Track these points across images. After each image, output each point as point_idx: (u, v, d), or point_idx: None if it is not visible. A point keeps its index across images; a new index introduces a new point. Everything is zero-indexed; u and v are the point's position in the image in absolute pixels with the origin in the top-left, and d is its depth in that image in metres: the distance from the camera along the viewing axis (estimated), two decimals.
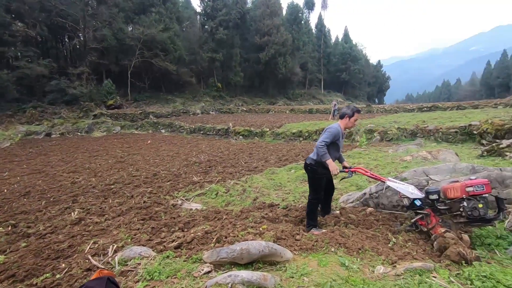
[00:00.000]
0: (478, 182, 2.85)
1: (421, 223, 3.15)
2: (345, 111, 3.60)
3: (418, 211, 3.12)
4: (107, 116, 22.35)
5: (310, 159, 3.62)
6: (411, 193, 3.13)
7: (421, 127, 11.06)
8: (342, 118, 3.62)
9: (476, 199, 2.83)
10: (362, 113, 24.19)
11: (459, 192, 2.87)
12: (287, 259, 2.77)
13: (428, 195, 3.06)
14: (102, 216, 4.54)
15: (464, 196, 2.85)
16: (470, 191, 2.82)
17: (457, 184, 2.94)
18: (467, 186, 2.84)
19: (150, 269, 2.70)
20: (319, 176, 3.59)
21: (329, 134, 3.43)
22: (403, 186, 3.22)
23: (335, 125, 3.56)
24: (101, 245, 3.40)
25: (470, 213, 2.82)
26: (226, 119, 21.91)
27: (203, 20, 38.75)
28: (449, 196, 2.97)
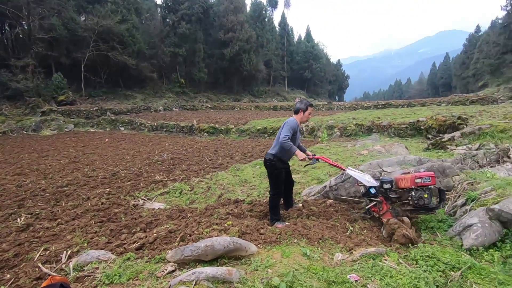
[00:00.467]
0: (425, 174, 3.17)
1: (374, 210, 3.42)
2: (300, 106, 3.72)
3: (372, 199, 3.39)
4: (58, 113, 20.56)
5: (269, 154, 3.69)
6: (368, 182, 3.38)
7: (376, 123, 11.84)
8: (297, 113, 3.73)
9: (423, 189, 3.15)
10: (323, 110, 25.21)
11: (409, 182, 3.17)
12: (252, 253, 2.82)
13: (382, 184, 3.32)
14: (54, 221, 4.20)
15: (413, 187, 3.15)
16: (419, 182, 3.14)
17: (408, 176, 3.22)
18: (416, 177, 3.15)
19: (109, 272, 2.58)
20: (279, 170, 3.69)
21: (289, 128, 3.52)
22: (361, 175, 3.47)
23: (291, 119, 3.66)
24: (53, 252, 3.16)
25: (416, 202, 3.14)
26: (190, 116, 21.41)
27: (164, 13, 37.21)
28: (400, 186, 3.25)
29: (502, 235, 2.72)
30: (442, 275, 2.32)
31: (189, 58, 36.78)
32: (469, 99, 20.41)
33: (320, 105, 27.96)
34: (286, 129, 3.52)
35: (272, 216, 3.70)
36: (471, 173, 3.98)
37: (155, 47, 34.41)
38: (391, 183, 3.28)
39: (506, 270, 2.40)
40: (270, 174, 3.76)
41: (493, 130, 7.28)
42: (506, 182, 3.34)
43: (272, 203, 3.71)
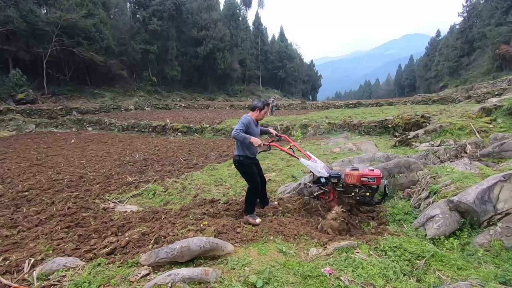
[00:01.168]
0: (372, 174, 3.37)
1: (322, 197, 3.67)
2: (257, 104, 3.79)
3: (322, 187, 3.58)
4: (17, 112, 19.07)
5: (235, 156, 3.77)
6: (319, 172, 3.52)
7: (347, 122, 12.28)
8: (253, 110, 3.78)
9: (366, 188, 3.40)
10: (298, 109, 25.67)
11: (355, 180, 3.40)
12: (229, 252, 2.81)
13: (330, 177, 3.53)
14: (14, 228, 3.91)
15: (358, 184, 3.38)
16: (364, 181, 3.38)
17: (355, 173, 3.43)
18: (362, 176, 3.38)
19: (78, 280, 2.45)
20: (248, 166, 3.75)
21: (240, 123, 3.55)
22: (313, 164, 3.56)
23: (245, 116, 3.72)
24: (13, 261, 2.94)
25: (358, 198, 3.45)
26: (163, 115, 20.84)
27: (134, 8, 35.88)
28: (347, 181, 3.46)
29: (461, 224, 2.94)
30: (409, 264, 2.47)
31: (162, 55, 35.80)
32: (431, 99, 21.79)
33: (294, 105, 28.44)
34: (238, 124, 3.55)
35: (246, 209, 3.74)
36: (433, 168, 4.26)
37: (125, 44, 33.08)
38: (338, 178, 3.49)
39: (464, 257, 2.60)
40: (242, 172, 3.83)
41: (452, 128, 7.83)
42: (463, 176, 3.61)
43: (250, 196, 3.76)
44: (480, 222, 2.86)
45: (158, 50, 34.46)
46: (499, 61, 36.32)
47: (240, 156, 3.72)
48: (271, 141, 3.85)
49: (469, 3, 48.20)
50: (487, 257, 2.54)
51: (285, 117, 16.01)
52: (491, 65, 38.12)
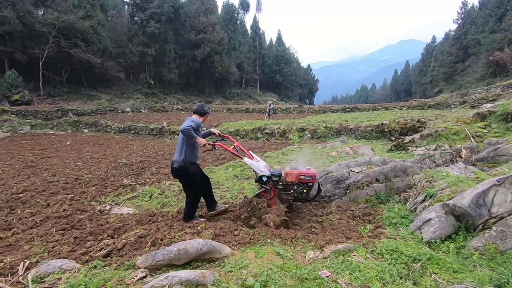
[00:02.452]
0: (309, 173, 3.57)
1: (263, 195, 3.73)
2: (207, 110, 3.84)
3: (263, 186, 3.66)
4: (12, 113, 18.90)
5: (176, 162, 3.54)
6: (261, 171, 3.59)
7: (344, 126, 12.35)
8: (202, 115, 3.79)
9: (304, 185, 3.61)
10: (295, 113, 25.76)
11: (294, 178, 3.58)
12: (226, 254, 2.81)
13: (272, 176, 3.62)
14: (8, 230, 3.86)
15: (296, 182, 3.58)
16: (302, 178, 3.56)
17: (294, 172, 3.60)
18: (300, 174, 3.57)
19: (73, 282, 2.43)
20: (194, 174, 3.61)
21: (193, 122, 3.46)
22: (256, 164, 3.62)
23: (196, 118, 3.66)
24: (8, 264, 2.90)
25: (297, 195, 3.66)
26: (160, 117, 20.79)
27: (132, 10, 35.92)
28: (287, 179, 3.63)
29: (456, 228, 2.97)
30: (405, 267, 2.48)
31: (159, 58, 35.82)
32: (427, 104, 22.02)
33: (292, 108, 28.56)
34: (189, 121, 3.45)
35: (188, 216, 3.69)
36: (429, 172, 4.30)
37: (122, 46, 33.06)
38: (279, 176, 3.62)
39: (459, 260, 2.62)
40: (186, 181, 3.65)
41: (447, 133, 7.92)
42: (458, 180, 3.65)
43: (190, 208, 3.68)
44: (475, 225, 2.89)
45: (156, 53, 34.48)
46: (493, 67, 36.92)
47: (184, 162, 3.50)
48: (215, 140, 3.86)
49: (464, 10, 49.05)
50: (482, 260, 2.57)
51: (282, 121, 16.06)
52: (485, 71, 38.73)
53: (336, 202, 4.19)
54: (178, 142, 3.63)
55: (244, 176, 6.22)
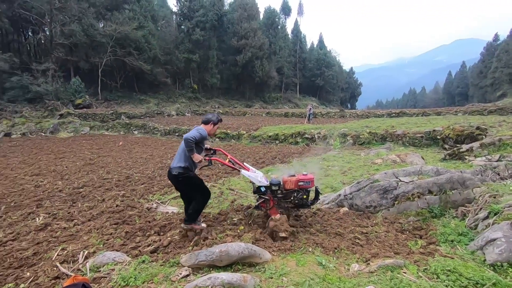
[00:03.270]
0: (306, 178, 3.52)
1: (262, 206, 3.62)
2: (211, 118, 3.59)
3: (262, 196, 3.56)
4: (75, 116, 21.16)
5: (176, 168, 3.36)
6: (259, 181, 3.50)
7: (390, 132, 11.65)
8: (207, 123, 3.57)
9: (303, 191, 3.55)
10: (336, 118, 25.02)
11: (293, 185, 3.50)
12: (266, 260, 2.80)
13: (271, 186, 3.52)
14: (70, 221, 4.29)
15: (296, 188, 3.51)
16: (301, 185, 3.50)
17: (293, 179, 3.53)
18: (299, 181, 3.50)
19: (125, 274, 2.61)
20: (194, 178, 3.47)
21: (198, 134, 3.29)
22: (254, 175, 3.55)
23: (202, 129, 3.48)
24: (70, 252, 3.23)
25: (297, 202, 3.56)
26: None
27: (179, 20, 38.06)
28: (286, 187, 3.54)
29: None
30: None
31: (203, 64, 37.37)
32: (487, 109, 19.85)
33: (332, 113, 27.77)
34: (195, 133, 3.27)
35: (193, 217, 3.52)
36: (493, 186, 3.84)
37: (169, 53, 35.13)
38: (278, 185, 3.53)
39: None
40: (191, 185, 3.48)
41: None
42: None
43: (199, 207, 3.55)
44: None
45: (200, 59, 36.04)
46: None
47: (184, 169, 3.35)
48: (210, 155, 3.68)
49: None
50: None
51: (322, 126, 15.68)
52: None
53: (383, 213, 3.94)
54: (179, 148, 3.48)
55: None
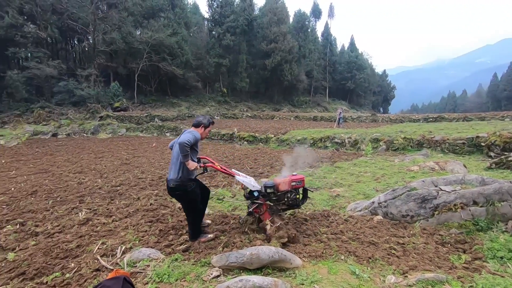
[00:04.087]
0: (298, 178, 3.54)
1: (255, 211, 3.52)
2: (202, 121, 3.44)
3: (255, 201, 3.48)
4: (113, 118, 22.52)
5: (172, 180, 3.24)
6: (253, 186, 3.45)
7: (427, 138, 11.00)
8: (198, 127, 3.42)
9: (296, 191, 3.59)
10: (367, 122, 24.19)
11: (287, 185, 3.49)
12: (297, 265, 2.76)
13: (266, 189, 3.48)
14: (109, 217, 4.55)
15: (289, 189, 3.50)
16: (294, 185, 3.51)
17: (286, 179, 3.52)
18: (292, 181, 3.49)
19: (159, 271, 2.71)
20: (192, 193, 3.30)
21: (192, 137, 3.14)
22: (247, 180, 3.50)
23: (195, 131, 3.33)
24: (109, 246, 3.41)
25: (291, 202, 3.59)
26: (230, 124, 21.98)
27: (210, 26, 39.20)
28: (280, 189, 3.52)
29: None
30: None
31: (232, 68, 38.10)
32: None
33: (364, 117, 26.88)
34: (189, 137, 3.11)
35: (195, 234, 3.42)
36: None
37: (201, 58, 36.25)
38: (273, 187, 3.50)
39: None
40: (185, 200, 3.33)
41: None
42: None
43: (195, 226, 3.40)
44: None
45: (230, 63, 36.78)
46: None
47: (181, 180, 3.20)
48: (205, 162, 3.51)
49: None
50: None
51: (353, 130, 15.22)
52: None
53: (421, 224, 3.72)
54: (173, 157, 3.34)
55: (314, 185, 6.04)
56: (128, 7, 29.34)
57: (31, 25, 22.64)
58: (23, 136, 16.87)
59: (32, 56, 23.03)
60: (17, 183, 7.13)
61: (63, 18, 25.17)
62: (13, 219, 4.55)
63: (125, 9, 28.82)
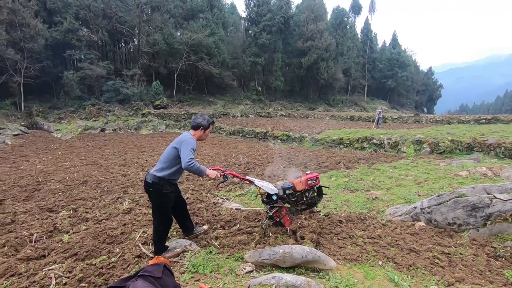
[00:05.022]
0: (313, 176, 3.56)
1: (276, 215, 3.49)
2: (201, 122, 3.20)
3: (274, 205, 3.44)
4: (154, 115, 23.80)
5: (152, 176, 3.00)
6: (271, 189, 3.40)
7: (479, 141, 10.06)
8: (197, 129, 3.21)
9: (312, 189, 3.58)
10: (409, 123, 22.79)
11: (304, 185, 3.47)
12: (330, 267, 2.70)
13: (285, 190, 3.42)
14: (149, 208, 4.82)
15: (306, 188, 3.50)
16: (310, 183, 3.51)
17: (302, 179, 3.50)
18: (308, 179, 3.48)
19: (195, 262, 2.81)
20: (166, 196, 3.04)
21: (190, 149, 2.92)
22: (266, 184, 3.45)
23: (188, 136, 3.08)
24: (149, 235, 3.62)
25: (310, 201, 3.57)
26: (264, 122, 22.05)
27: (247, 25, 39.60)
28: (297, 189, 3.47)
29: None
30: None
31: (267, 67, 38.14)
32: None
33: (405, 117, 25.34)
34: (188, 152, 2.87)
35: (159, 248, 3.09)
36: None
37: (237, 57, 36.81)
38: (291, 188, 3.44)
39: None
40: (156, 201, 3.06)
41: None
42: None
43: (159, 236, 3.08)
44: None
45: (265, 62, 36.86)
46: None
47: (161, 180, 2.96)
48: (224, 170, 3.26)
49: None
50: None
51: (393, 131, 14.42)
52: None
53: (470, 234, 3.42)
54: (164, 154, 3.10)
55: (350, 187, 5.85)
56: (170, 9, 30.74)
57: (84, 29, 24.78)
58: (76, 130, 18.54)
59: (85, 57, 25.19)
60: (70, 173, 7.87)
61: (112, 22, 27.12)
62: (67, 205, 5.03)
63: (167, 11, 30.23)
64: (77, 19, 24.90)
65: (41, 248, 3.35)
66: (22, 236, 3.67)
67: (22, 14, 19.99)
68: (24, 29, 20.31)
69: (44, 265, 2.98)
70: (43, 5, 23.78)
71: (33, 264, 3.01)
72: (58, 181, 6.93)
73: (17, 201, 5.36)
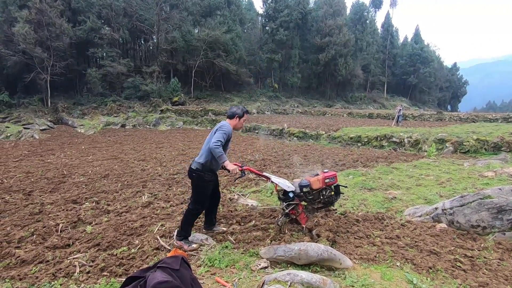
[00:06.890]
0: (331, 174, 3.53)
1: (292, 213, 3.47)
2: (235, 111, 3.39)
3: (290, 202, 3.42)
4: (172, 111, 24.25)
5: (196, 163, 3.24)
6: (288, 187, 3.39)
7: (507, 140, 9.56)
8: (232, 118, 3.38)
9: (330, 188, 3.57)
10: (431, 121, 22.00)
11: (321, 183, 3.44)
12: (346, 266, 2.67)
13: (302, 188, 3.41)
14: (167, 202, 4.95)
15: (324, 186, 3.48)
16: (327, 182, 3.49)
17: (319, 177, 3.47)
18: (325, 178, 3.46)
19: (211, 256, 2.87)
20: (206, 183, 3.24)
21: (223, 134, 3.12)
22: (283, 181, 3.44)
23: (226, 124, 3.25)
24: (167, 228, 3.72)
25: (327, 199, 3.57)
26: (281, 119, 21.95)
27: (264, 21, 39.38)
28: (314, 187, 3.45)
29: None
30: None
31: (284, 63, 37.86)
32: None
33: (427, 115, 24.45)
34: (220, 134, 3.10)
35: (181, 232, 3.25)
36: None
37: (253, 54, 36.76)
38: (308, 186, 3.41)
39: None
40: (196, 186, 3.27)
41: None
42: None
43: (188, 218, 3.25)
44: None
45: (282, 58, 36.57)
46: None
47: (202, 166, 3.18)
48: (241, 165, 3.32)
49: None
50: None
51: (414, 129, 13.95)
52: None
53: (495, 237, 3.27)
54: (205, 143, 3.34)
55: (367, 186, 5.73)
56: (188, 6, 31.05)
57: (106, 27, 25.52)
58: (98, 126, 19.23)
59: (107, 55, 25.99)
60: (93, 167, 8.19)
61: (132, 20, 27.78)
62: (90, 197, 5.25)
63: (185, 9, 30.57)
64: (100, 18, 25.68)
65: (66, 237, 3.52)
66: (49, 226, 3.87)
67: (49, 14, 20.85)
68: (51, 28, 21.19)
69: (69, 254, 3.14)
70: (68, 5, 24.67)
71: (59, 252, 3.18)
72: (81, 174, 7.24)
73: (44, 192, 5.65)
